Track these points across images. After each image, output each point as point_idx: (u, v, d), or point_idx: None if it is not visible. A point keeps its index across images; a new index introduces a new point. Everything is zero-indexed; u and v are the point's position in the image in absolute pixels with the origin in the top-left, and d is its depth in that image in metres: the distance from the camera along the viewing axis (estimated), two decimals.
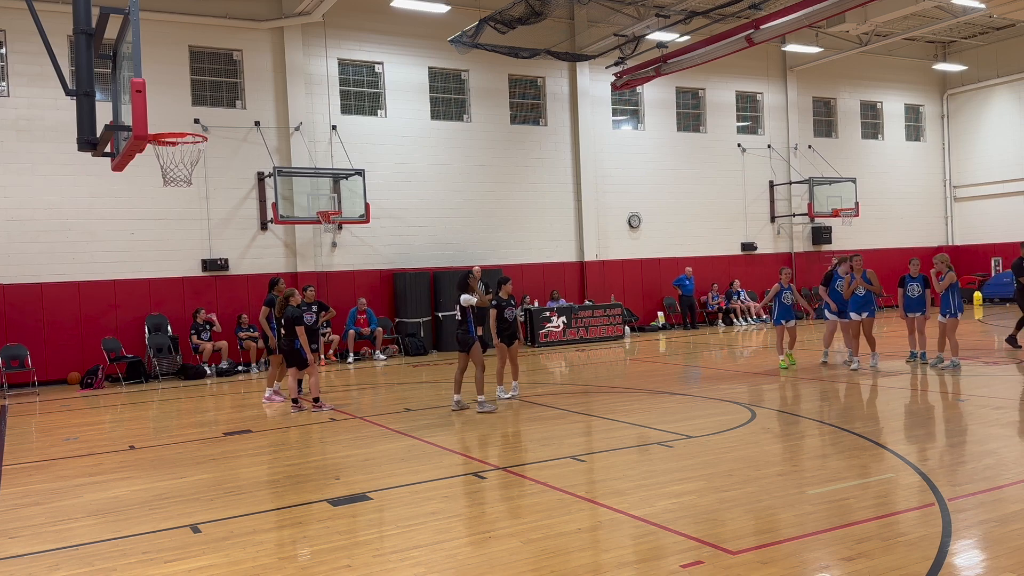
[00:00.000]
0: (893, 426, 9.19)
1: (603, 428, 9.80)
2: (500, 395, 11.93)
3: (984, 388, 11.30)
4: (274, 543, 6.00)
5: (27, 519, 6.88)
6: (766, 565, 5.05)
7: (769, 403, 10.90)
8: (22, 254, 16.67)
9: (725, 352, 17.81)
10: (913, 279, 13.38)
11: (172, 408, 13.47)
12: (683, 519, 6.01)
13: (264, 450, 9.30)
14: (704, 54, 19.88)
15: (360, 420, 10.94)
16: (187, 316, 17.79)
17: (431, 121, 20.91)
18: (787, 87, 26.22)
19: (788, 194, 26.09)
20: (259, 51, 18.96)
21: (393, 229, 20.25)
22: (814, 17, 17.49)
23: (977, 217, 28.98)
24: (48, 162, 16.76)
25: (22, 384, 16.13)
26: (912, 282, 13.37)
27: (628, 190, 23.48)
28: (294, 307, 11.80)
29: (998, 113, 28.37)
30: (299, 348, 11.73)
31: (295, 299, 11.90)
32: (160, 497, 7.37)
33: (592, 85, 22.80)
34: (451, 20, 20.05)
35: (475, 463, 8.07)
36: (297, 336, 11.67)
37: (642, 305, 23.40)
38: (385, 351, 19.03)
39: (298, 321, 11.73)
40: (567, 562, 5.26)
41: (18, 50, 16.60)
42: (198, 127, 17.74)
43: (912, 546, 5.26)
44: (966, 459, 7.48)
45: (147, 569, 5.51)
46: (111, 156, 8.87)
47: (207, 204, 18.31)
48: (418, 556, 5.48)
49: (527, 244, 22.03)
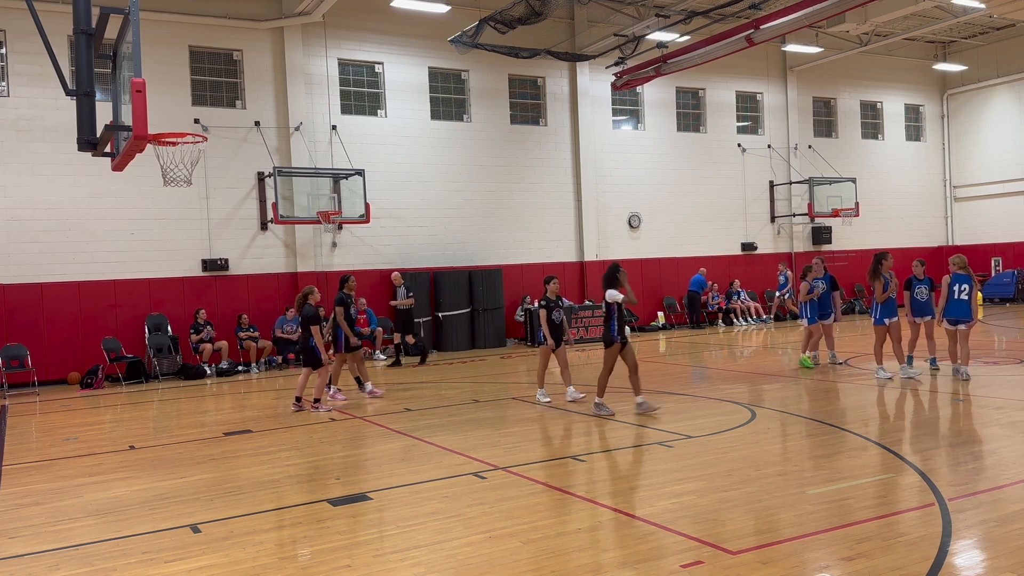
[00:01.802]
0: (893, 426, 9.19)
1: (603, 428, 9.80)
2: (540, 398, 11.54)
3: (984, 388, 11.29)
4: (274, 543, 5.99)
5: (27, 519, 6.87)
6: (766, 565, 5.04)
7: (769, 403, 10.89)
8: (22, 254, 16.67)
9: (725, 352, 17.80)
10: (920, 281, 12.70)
11: (172, 408, 13.47)
12: (683, 519, 6.01)
13: (264, 450, 9.29)
14: (704, 54, 19.88)
15: (360, 420, 10.94)
16: (187, 316, 17.80)
17: (431, 121, 20.91)
18: (787, 87, 26.22)
19: (788, 194, 26.08)
20: (259, 51, 18.96)
21: (393, 229, 20.25)
22: (814, 17, 17.49)
23: (977, 217, 28.98)
24: (48, 162, 16.76)
25: (22, 384, 16.13)
26: (919, 284, 12.70)
27: (628, 190, 23.48)
28: (312, 306, 11.69)
29: (998, 113, 28.36)
30: (313, 346, 11.60)
31: (314, 297, 11.76)
32: (160, 497, 7.37)
33: (592, 85, 22.80)
34: (451, 20, 20.04)
35: (475, 463, 8.07)
36: (312, 335, 11.56)
37: (642, 305, 23.39)
38: (385, 351, 19.02)
39: (314, 320, 11.62)
40: (567, 562, 5.26)
41: (18, 50, 16.60)
42: (198, 127, 17.74)
43: (912, 546, 5.26)
44: (966, 459, 7.48)
45: (147, 569, 5.51)
46: (111, 156, 8.87)
47: (207, 204, 18.31)
48: (418, 556, 5.48)
49: (527, 244, 22.02)
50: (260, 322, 18.39)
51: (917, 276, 12.80)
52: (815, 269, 13.97)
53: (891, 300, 12.47)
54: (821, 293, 13.87)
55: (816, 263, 14.07)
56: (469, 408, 11.54)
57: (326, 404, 12.00)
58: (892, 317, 12.40)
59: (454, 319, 20.18)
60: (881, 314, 12.47)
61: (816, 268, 13.97)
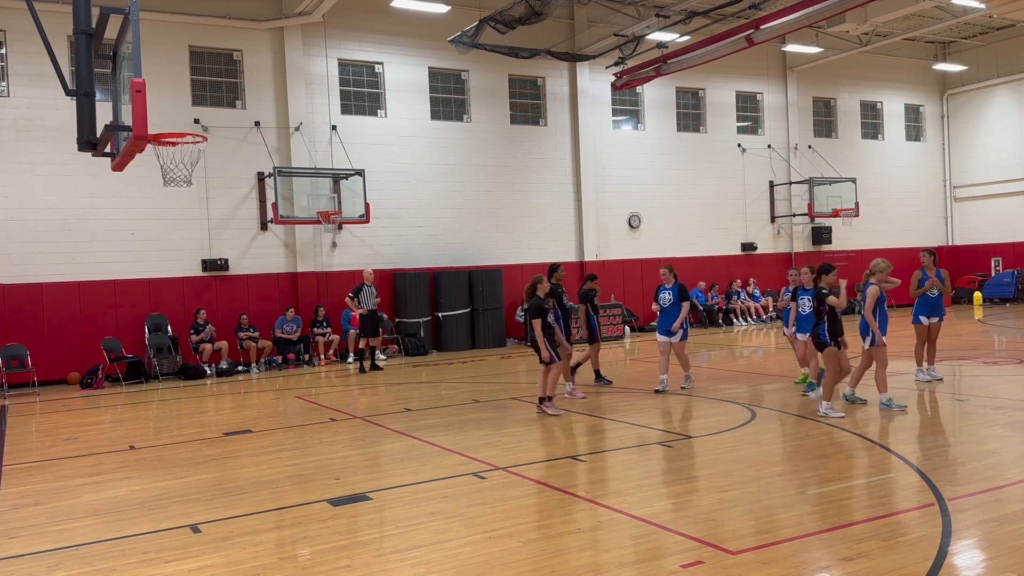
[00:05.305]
0: (893, 426, 9.18)
1: (603, 428, 9.80)
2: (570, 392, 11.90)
3: (984, 388, 11.29)
4: (274, 543, 5.99)
5: (27, 519, 6.87)
6: (766, 565, 5.04)
7: (769, 403, 10.89)
8: (22, 254, 16.67)
9: (725, 352, 17.80)
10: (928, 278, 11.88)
11: (172, 408, 13.47)
12: (683, 519, 6.01)
13: (264, 450, 9.29)
14: (704, 54, 19.88)
15: (360, 420, 10.94)
16: (187, 316, 17.80)
17: (431, 121, 20.91)
18: (787, 87, 26.22)
19: (788, 194, 26.09)
20: (259, 51, 18.96)
21: (393, 229, 20.25)
22: (814, 17, 17.49)
23: (977, 217, 28.98)
24: (48, 162, 16.76)
25: (22, 384, 16.12)
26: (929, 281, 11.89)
27: (628, 190, 23.48)
28: (539, 298, 10.68)
29: (998, 113, 28.37)
30: (540, 342, 10.54)
31: (543, 287, 10.76)
32: (160, 497, 7.37)
33: (592, 85, 22.80)
34: (451, 20, 20.04)
35: (475, 463, 8.07)
36: (533, 329, 10.60)
37: (642, 305, 23.34)
38: (385, 351, 19.03)
39: (539, 313, 10.59)
40: (567, 562, 5.26)
41: (18, 50, 16.60)
42: (198, 127, 17.74)
43: (912, 546, 5.26)
44: (966, 459, 7.48)
45: (147, 569, 5.51)
46: (111, 156, 8.87)
47: (207, 204, 18.31)
48: (418, 556, 5.48)
49: (527, 244, 22.02)
50: (260, 322, 18.38)
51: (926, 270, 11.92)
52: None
53: (929, 299, 11.79)
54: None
55: (805, 272, 11.94)
56: (469, 408, 11.54)
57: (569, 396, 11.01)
58: (931, 317, 11.81)
59: (454, 319, 20.18)
60: (918, 313, 11.87)
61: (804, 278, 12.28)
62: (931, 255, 12.09)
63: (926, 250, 12.26)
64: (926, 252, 12.11)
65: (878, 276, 10.20)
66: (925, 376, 11.86)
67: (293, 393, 14.14)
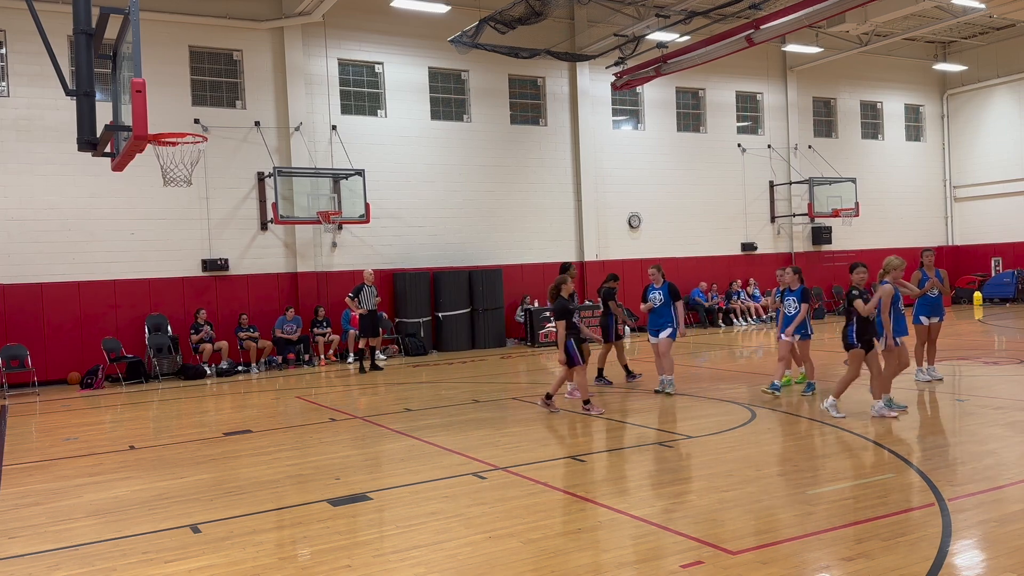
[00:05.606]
0: (893, 426, 9.18)
1: (603, 428, 9.80)
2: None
3: (984, 388, 11.29)
4: (274, 543, 5.99)
5: (27, 519, 6.87)
6: (766, 565, 5.04)
7: (769, 403, 10.89)
8: (22, 254, 16.67)
9: (725, 352, 17.79)
10: (928, 278, 11.75)
11: (172, 408, 13.47)
12: (683, 519, 6.01)
13: (264, 450, 9.29)
14: (704, 54, 19.89)
15: (360, 420, 10.94)
16: (187, 316, 17.80)
17: (431, 121, 20.91)
18: (787, 87, 26.22)
19: (788, 194, 26.09)
20: (259, 51, 18.96)
21: (393, 229, 20.25)
22: (814, 17, 17.49)
23: (977, 217, 28.98)
24: (48, 162, 16.76)
25: (22, 384, 16.12)
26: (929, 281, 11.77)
27: (628, 190, 23.48)
28: (563, 298, 10.60)
29: (998, 113, 28.37)
30: (568, 345, 10.49)
31: (567, 288, 10.64)
32: (160, 497, 7.37)
33: (592, 85, 22.80)
34: (451, 20, 20.04)
35: (475, 463, 8.07)
36: (559, 330, 10.52)
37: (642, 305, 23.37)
38: (385, 351, 19.02)
39: (565, 314, 10.53)
40: (567, 562, 5.26)
41: (18, 50, 16.60)
42: (198, 127, 17.74)
43: (912, 546, 5.26)
44: (966, 459, 7.48)
45: (147, 569, 5.51)
46: (111, 156, 8.88)
47: (207, 204, 18.31)
48: (418, 556, 5.48)
49: (527, 244, 22.02)
50: (260, 322, 18.38)
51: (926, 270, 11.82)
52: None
53: (930, 299, 11.68)
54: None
55: (788, 273, 11.54)
56: (469, 408, 11.54)
57: (596, 406, 10.72)
58: (932, 317, 11.73)
59: (454, 319, 20.18)
60: (919, 313, 11.76)
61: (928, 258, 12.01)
62: (932, 255, 12.09)
63: (928, 249, 12.27)
64: (928, 251, 12.10)
65: (892, 274, 9.84)
66: (925, 376, 11.88)
67: (293, 393, 14.14)
